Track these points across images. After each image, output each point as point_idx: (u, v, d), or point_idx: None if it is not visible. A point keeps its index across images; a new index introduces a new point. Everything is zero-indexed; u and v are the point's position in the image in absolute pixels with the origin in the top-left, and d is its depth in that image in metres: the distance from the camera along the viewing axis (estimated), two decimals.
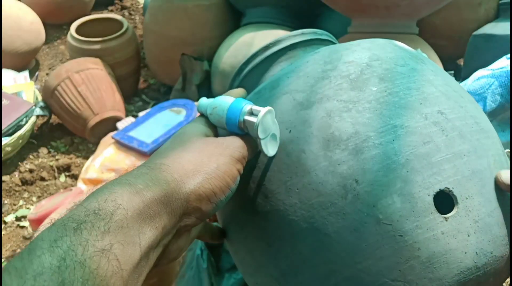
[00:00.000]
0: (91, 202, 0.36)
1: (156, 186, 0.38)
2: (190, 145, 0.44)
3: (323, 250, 0.45)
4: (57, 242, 0.32)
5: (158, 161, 0.41)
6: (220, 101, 0.48)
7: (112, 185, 0.38)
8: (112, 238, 0.34)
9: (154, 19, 1.95)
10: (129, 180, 0.38)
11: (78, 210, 0.35)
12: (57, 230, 0.33)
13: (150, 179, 0.39)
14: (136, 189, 0.37)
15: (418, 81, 0.51)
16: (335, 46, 0.57)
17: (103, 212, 0.35)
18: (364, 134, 0.46)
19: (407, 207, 0.43)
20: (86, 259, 0.32)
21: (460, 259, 0.44)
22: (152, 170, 0.40)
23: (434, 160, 0.45)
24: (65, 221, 0.34)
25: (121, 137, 1.63)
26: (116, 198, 0.36)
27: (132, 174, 0.40)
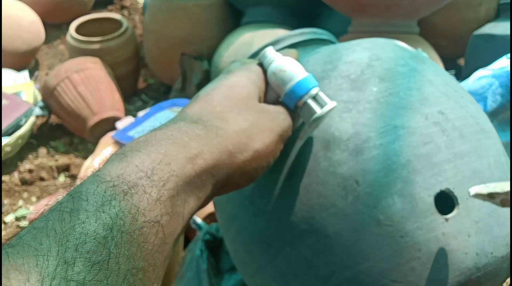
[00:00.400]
0: (144, 160, 0.33)
1: (209, 154, 0.36)
2: (246, 109, 0.41)
3: (324, 251, 0.45)
4: (104, 207, 0.29)
5: (215, 122, 0.38)
6: (290, 67, 0.44)
7: (167, 142, 0.35)
8: (162, 207, 0.31)
9: (154, 18, 1.95)
10: (184, 141, 0.35)
11: (130, 169, 0.32)
12: (105, 190, 0.30)
13: (205, 144, 0.36)
14: (190, 154, 0.35)
15: (419, 81, 0.50)
16: (335, 46, 0.57)
17: (157, 178, 0.32)
18: (364, 134, 0.46)
19: (408, 208, 0.43)
20: (135, 230, 0.29)
21: (461, 260, 0.44)
22: (208, 133, 0.37)
23: (434, 161, 0.45)
24: (115, 181, 0.31)
25: (121, 137, 1.63)
26: (171, 162, 0.33)
27: (188, 132, 0.36)
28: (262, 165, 0.40)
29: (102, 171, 0.32)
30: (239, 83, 0.42)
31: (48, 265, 0.26)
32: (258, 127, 0.40)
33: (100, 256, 0.27)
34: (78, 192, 0.30)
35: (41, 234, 0.27)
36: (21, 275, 0.25)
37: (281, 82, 0.44)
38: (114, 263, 0.28)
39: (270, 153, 0.41)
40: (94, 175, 0.31)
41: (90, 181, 0.31)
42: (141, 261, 0.30)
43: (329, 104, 0.43)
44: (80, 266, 0.27)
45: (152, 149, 0.34)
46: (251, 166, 0.39)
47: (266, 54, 0.46)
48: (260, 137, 0.40)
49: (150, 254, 0.30)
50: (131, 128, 1.68)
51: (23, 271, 0.25)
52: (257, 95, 0.43)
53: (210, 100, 0.41)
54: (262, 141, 0.40)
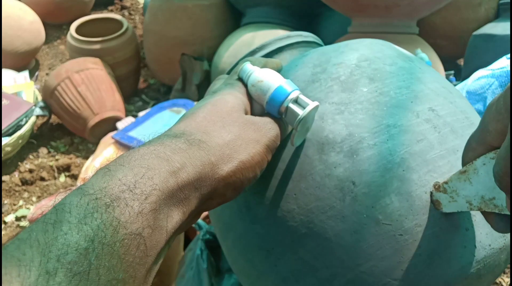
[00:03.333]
0: (127, 174, 0.33)
1: (192, 168, 0.36)
2: (230, 122, 0.41)
3: (324, 254, 0.45)
4: (87, 219, 0.29)
5: (198, 136, 0.38)
6: (267, 76, 0.45)
7: (149, 156, 0.35)
8: (144, 220, 0.32)
9: (154, 19, 1.95)
10: (167, 154, 0.35)
11: (113, 182, 0.32)
12: (88, 203, 0.30)
13: (188, 157, 0.36)
14: (173, 168, 0.35)
15: (408, 79, 0.51)
16: (322, 48, 0.57)
17: (139, 191, 0.32)
18: (358, 135, 0.46)
19: (405, 206, 0.44)
20: (116, 242, 0.30)
21: (460, 254, 0.44)
22: (190, 147, 0.37)
23: (428, 158, 0.45)
24: (98, 194, 0.31)
25: (121, 137, 1.63)
26: (153, 176, 0.33)
27: (170, 146, 0.37)
28: (248, 176, 0.40)
29: (86, 184, 0.32)
30: (223, 100, 0.43)
31: (30, 275, 0.27)
32: (243, 138, 0.40)
33: (81, 267, 0.28)
34: (62, 204, 0.30)
35: (25, 245, 0.28)
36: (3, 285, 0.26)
37: (260, 92, 0.45)
38: (94, 274, 0.28)
39: (257, 164, 0.41)
40: (78, 188, 0.32)
41: (74, 194, 0.31)
42: (122, 272, 0.30)
43: (311, 104, 0.44)
44: (61, 277, 0.27)
45: (135, 164, 0.34)
46: (236, 177, 0.39)
47: (244, 68, 0.47)
48: (245, 148, 0.40)
49: (131, 266, 0.31)
50: (132, 128, 1.68)
51: (5, 281, 0.26)
52: (242, 108, 0.43)
53: (194, 117, 0.41)
54: (247, 152, 0.40)
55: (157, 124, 1.70)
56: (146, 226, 0.32)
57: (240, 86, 0.46)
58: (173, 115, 1.71)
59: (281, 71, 0.54)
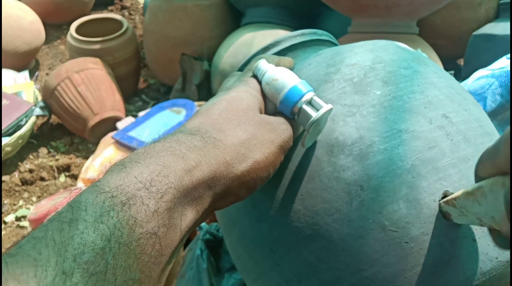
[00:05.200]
0: (142, 171, 0.33)
1: (207, 166, 0.36)
2: (245, 120, 0.40)
3: (328, 257, 0.45)
4: (103, 218, 0.29)
5: (213, 134, 0.38)
6: (282, 75, 0.45)
7: (165, 154, 0.35)
8: (159, 219, 0.31)
9: (154, 19, 1.95)
10: (182, 152, 0.35)
11: (128, 180, 0.32)
12: (104, 201, 0.30)
13: (203, 156, 0.36)
14: (188, 166, 0.35)
15: (422, 84, 0.50)
16: (337, 48, 0.56)
17: (155, 189, 0.32)
18: (368, 139, 0.45)
19: (413, 213, 0.43)
20: (132, 241, 0.29)
21: (466, 265, 0.44)
22: (205, 145, 0.37)
23: (439, 165, 0.45)
24: (113, 192, 0.31)
25: (121, 137, 1.63)
26: (169, 174, 0.33)
27: (186, 143, 0.36)
28: (262, 176, 0.40)
29: (102, 181, 0.32)
30: (238, 97, 0.42)
31: (47, 276, 0.26)
32: (258, 138, 0.40)
33: (98, 267, 0.28)
34: (78, 202, 0.30)
35: (40, 244, 0.27)
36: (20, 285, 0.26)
37: (274, 91, 0.44)
38: (111, 274, 0.28)
39: (270, 164, 0.41)
40: (94, 185, 0.32)
41: (89, 191, 0.31)
42: (138, 272, 0.30)
43: (324, 107, 0.43)
44: (78, 277, 0.27)
45: (151, 161, 0.34)
46: (250, 176, 0.39)
47: (259, 66, 0.46)
48: (260, 148, 0.40)
49: (146, 266, 0.31)
50: (132, 128, 1.68)
51: (22, 281, 0.26)
52: (257, 107, 0.43)
53: (209, 114, 0.41)
54: (261, 151, 0.40)
55: (157, 124, 1.69)
56: (162, 225, 0.32)
57: (255, 83, 0.46)
58: (173, 115, 1.71)
59: (293, 69, 0.53)
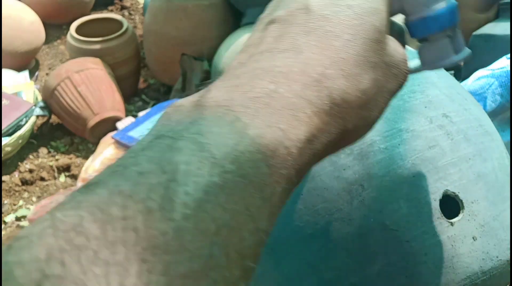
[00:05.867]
0: (262, 134, 0.23)
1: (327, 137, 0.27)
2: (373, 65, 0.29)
3: (329, 256, 0.45)
4: (208, 204, 0.20)
5: (342, 87, 0.27)
6: None
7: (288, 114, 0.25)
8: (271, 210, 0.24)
9: (154, 19, 1.95)
10: (308, 115, 0.26)
11: (244, 143, 0.23)
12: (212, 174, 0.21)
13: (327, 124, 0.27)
14: (310, 137, 0.26)
15: (422, 83, 0.50)
16: None
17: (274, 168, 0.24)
18: (369, 138, 0.45)
19: (414, 212, 0.43)
20: (241, 241, 0.21)
21: (466, 264, 0.44)
22: (332, 107, 0.27)
23: (440, 165, 0.45)
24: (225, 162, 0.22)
25: (121, 137, 1.63)
26: (291, 147, 0.24)
27: (313, 102, 0.26)
28: (364, 133, 0.32)
29: (206, 134, 0.23)
30: (370, 5, 0.29)
31: None
32: (381, 93, 0.30)
33: None
34: (174, 164, 0.21)
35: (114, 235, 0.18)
36: None
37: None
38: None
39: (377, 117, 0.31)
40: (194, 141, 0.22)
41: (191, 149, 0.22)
42: None
43: (466, 50, 0.34)
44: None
45: (272, 121, 0.24)
46: (356, 139, 0.32)
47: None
48: (379, 105, 0.30)
49: None
50: (132, 128, 1.68)
51: None
52: (387, 22, 0.31)
53: (331, 35, 0.28)
54: (379, 109, 0.31)
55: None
56: (272, 216, 0.25)
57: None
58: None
59: None
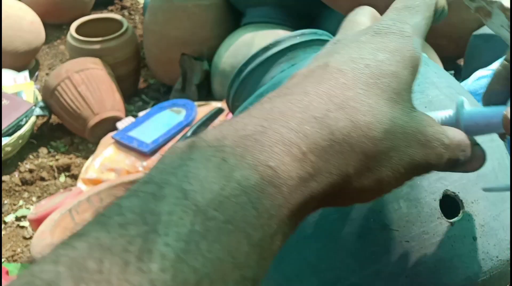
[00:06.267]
0: (249, 176, 0.23)
1: (325, 178, 0.25)
2: (393, 117, 0.28)
3: (329, 256, 0.45)
4: (189, 254, 0.20)
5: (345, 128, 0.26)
6: None
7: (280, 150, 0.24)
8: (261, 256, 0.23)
9: (154, 19, 1.95)
10: (302, 151, 0.24)
11: (229, 186, 0.22)
12: (194, 222, 0.20)
13: (325, 162, 0.25)
14: (305, 174, 0.24)
15: (422, 83, 0.50)
16: None
17: (263, 208, 0.23)
18: None
19: (414, 212, 0.43)
20: None
21: (466, 264, 0.44)
22: (332, 146, 0.25)
23: None
24: (208, 209, 0.21)
25: (121, 137, 1.63)
26: (281, 185, 0.23)
27: (309, 137, 0.25)
28: (376, 196, 0.30)
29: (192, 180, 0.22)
30: (390, 67, 0.29)
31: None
32: (399, 151, 0.28)
33: None
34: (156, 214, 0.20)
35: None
36: None
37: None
38: None
39: (394, 186, 0.30)
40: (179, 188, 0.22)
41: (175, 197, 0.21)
42: None
43: None
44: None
45: (261, 159, 0.23)
46: (364, 194, 0.29)
47: None
48: (393, 165, 0.28)
49: None
50: (132, 128, 1.68)
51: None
52: (411, 87, 0.30)
53: (343, 86, 0.27)
54: (392, 170, 0.28)
55: (157, 124, 1.70)
56: (261, 261, 0.23)
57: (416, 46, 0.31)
58: (173, 115, 1.71)
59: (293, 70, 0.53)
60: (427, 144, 0.29)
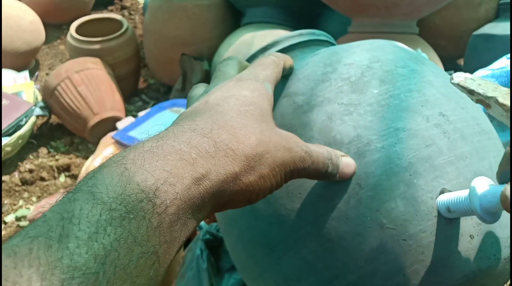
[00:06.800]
0: (147, 178, 0.29)
1: (216, 176, 0.32)
2: (261, 131, 0.37)
3: (326, 255, 0.45)
4: (98, 235, 0.25)
5: (226, 140, 0.34)
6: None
7: (174, 157, 0.31)
8: (161, 236, 0.28)
9: (154, 19, 1.95)
10: (192, 157, 0.32)
11: (130, 187, 0.28)
12: (101, 214, 0.26)
13: (214, 164, 0.33)
14: (197, 174, 0.31)
15: (419, 82, 0.50)
16: (334, 48, 0.56)
17: (159, 201, 0.28)
18: (366, 137, 0.45)
19: (411, 211, 0.43)
20: (129, 263, 0.26)
21: (463, 262, 0.44)
22: (217, 152, 0.33)
23: (436, 163, 0.45)
24: (112, 203, 0.27)
25: (121, 137, 1.63)
26: (176, 184, 0.30)
27: (197, 147, 0.32)
28: (265, 191, 0.37)
29: (99, 186, 0.28)
30: (252, 100, 0.39)
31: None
32: (271, 154, 0.36)
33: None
34: (70, 211, 0.26)
35: (23, 263, 0.23)
36: None
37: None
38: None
39: (276, 184, 0.38)
40: (89, 192, 0.27)
41: (84, 199, 0.27)
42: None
43: None
44: None
45: (157, 165, 0.30)
46: (253, 189, 0.36)
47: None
48: (269, 164, 0.36)
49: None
50: (132, 128, 1.68)
51: None
52: (271, 113, 0.40)
53: (222, 113, 0.37)
54: (270, 168, 0.36)
55: (157, 124, 1.70)
56: (163, 242, 0.29)
57: (268, 81, 0.43)
58: (173, 115, 1.71)
59: (292, 69, 0.53)
60: (291, 150, 0.38)
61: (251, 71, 0.43)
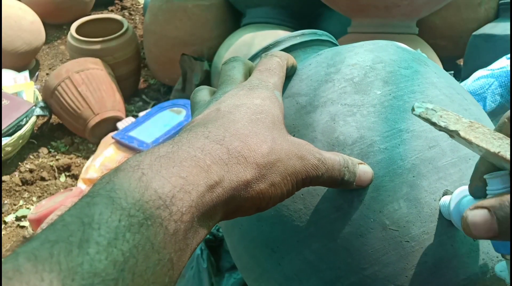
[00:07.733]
0: (164, 184, 0.29)
1: (228, 183, 0.33)
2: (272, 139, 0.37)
3: (329, 256, 0.45)
4: (117, 241, 0.25)
5: (238, 147, 0.35)
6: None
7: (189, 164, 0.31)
8: (176, 243, 0.29)
9: (154, 19, 1.95)
10: (206, 164, 0.32)
11: (148, 193, 0.28)
12: (120, 220, 0.26)
13: (227, 171, 0.33)
14: (211, 182, 0.32)
15: (422, 84, 0.50)
16: (337, 48, 0.56)
17: (175, 209, 0.29)
18: (369, 138, 0.45)
19: (414, 212, 0.43)
20: (146, 270, 0.26)
21: (466, 264, 0.44)
22: (230, 159, 0.34)
23: (440, 165, 0.45)
24: (131, 209, 0.27)
25: (121, 137, 1.63)
26: (191, 191, 0.30)
27: (211, 154, 0.33)
28: (275, 200, 0.37)
29: (117, 191, 0.28)
30: (264, 107, 0.39)
31: None
32: (283, 163, 0.37)
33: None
34: (90, 216, 0.26)
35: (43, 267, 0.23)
36: None
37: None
38: None
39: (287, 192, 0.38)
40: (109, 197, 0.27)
41: (104, 204, 0.27)
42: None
43: None
44: None
45: (174, 171, 0.30)
46: (264, 198, 0.36)
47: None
48: (281, 173, 0.37)
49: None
50: (132, 128, 1.68)
51: None
52: (283, 121, 0.40)
53: (234, 121, 0.37)
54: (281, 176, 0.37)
55: (157, 124, 1.70)
56: (178, 250, 0.29)
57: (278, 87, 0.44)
58: (173, 115, 1.71)
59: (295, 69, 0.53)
60: (303, 157, 0.38)
61: (260, 78, 0.44)
